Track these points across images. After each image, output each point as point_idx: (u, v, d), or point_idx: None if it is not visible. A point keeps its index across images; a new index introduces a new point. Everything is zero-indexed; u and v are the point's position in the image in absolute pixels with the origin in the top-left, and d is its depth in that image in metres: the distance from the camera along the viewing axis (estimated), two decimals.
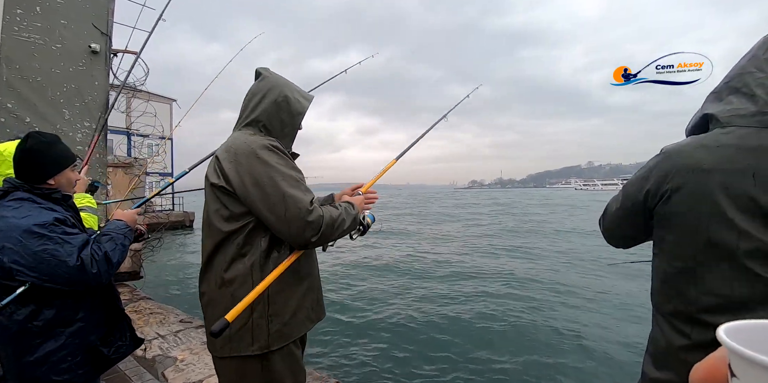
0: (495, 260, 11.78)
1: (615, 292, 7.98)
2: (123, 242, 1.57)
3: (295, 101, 1.45)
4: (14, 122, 4.68)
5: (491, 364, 4.78)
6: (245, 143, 1.28)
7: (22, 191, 1.47)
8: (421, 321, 6.29)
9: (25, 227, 1.36)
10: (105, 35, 5.55)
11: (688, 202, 1.03)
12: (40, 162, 1.51)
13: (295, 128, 1.48)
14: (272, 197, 1.19)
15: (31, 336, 1.45)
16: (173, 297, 7.77)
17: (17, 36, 4.80)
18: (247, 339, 1.21)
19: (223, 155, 1.29)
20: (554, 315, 6.61)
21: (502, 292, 7.96)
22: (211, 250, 1.28)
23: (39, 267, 1.36)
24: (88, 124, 5.22)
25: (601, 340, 5.46)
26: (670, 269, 1.10)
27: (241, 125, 1.42)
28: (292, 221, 1.18)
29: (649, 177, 1.13)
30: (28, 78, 4.82)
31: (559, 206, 44.75)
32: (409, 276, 9.61)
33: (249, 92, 1.46)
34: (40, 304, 1.45)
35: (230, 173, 1.24)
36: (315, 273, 1.46)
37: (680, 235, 1.07)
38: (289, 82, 1.49)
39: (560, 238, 17.12)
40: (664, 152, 1.12)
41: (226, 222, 1.26)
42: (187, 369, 2.93)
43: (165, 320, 3.96)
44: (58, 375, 1.50)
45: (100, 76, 5.39)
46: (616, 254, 10.37)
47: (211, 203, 1.31)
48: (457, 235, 18.44)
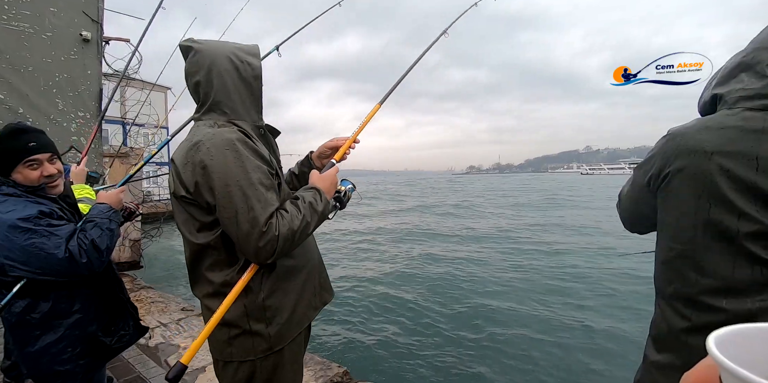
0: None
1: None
2: (109, 226, 1.54)
3: (244, 64, 1.25)
4: (7, 114, 4.62)
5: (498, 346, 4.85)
6: (200, 144, 1.11)
7: (7, 187, 1.45)
8: (431, 306, 6.33)
9: (9, 222, 1.35)
10: (96, 23, 5.45)
11: (689, 184, 1.03)
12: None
13: (258, 97, 1.29)
14: (226, 211, 1.06)
15: (30, 328, 1.47)
16: (174, 286, 7.83)
17: (6, 25, 4.70)
18: (248, 344, 1.16)
19: (179, 160, 1.14)
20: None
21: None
22: (190, 261, 1.21)
23: (30, 261, 1.36)
24: (82, 113, 5.17)
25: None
26: (670, 252, 1.11)
27: (200, 114, 1.24)
28: (243, 241, 1.06)
29: (653, 160, 1.12)
30: (19, 68, 4.75)
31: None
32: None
33: (187, 73, 1.24)
34: (35, 297, 1.46)
35: (186, 177, 1.11)
36: (313, 257, 1.37)
37: (680, 217, 1.07)
38: (224, 43, 1.27)
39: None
40: (669, 134, 1.11)
41: (199, 233, 1.15)
42: None
43: (166, 308, 3.99)
44: (60, 365, 1.52)
45: (93, 65, 5.32)
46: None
47: (177, 213, 1.19)
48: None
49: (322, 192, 1.23)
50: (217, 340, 1.19)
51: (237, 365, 1.18)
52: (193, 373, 2.73)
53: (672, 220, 1.10)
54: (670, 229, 1.12)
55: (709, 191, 0.99)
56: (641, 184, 1.18)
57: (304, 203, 1.16)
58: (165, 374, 2.66)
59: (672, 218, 1.10)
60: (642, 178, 1.17)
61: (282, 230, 1.06)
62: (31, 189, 1.48)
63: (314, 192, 1.22)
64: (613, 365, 4.46)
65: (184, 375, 1.05)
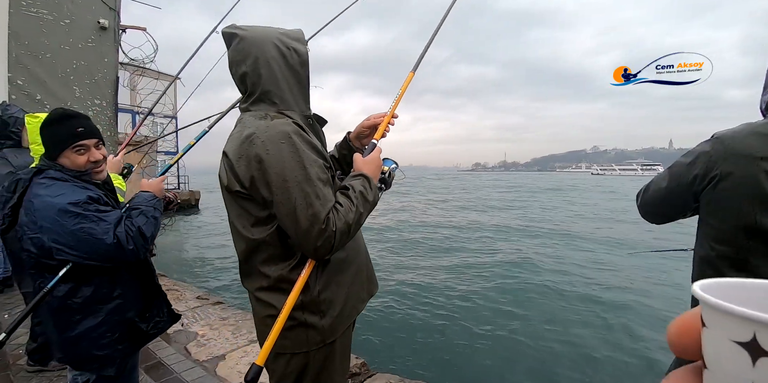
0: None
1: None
2: (153, 214, 1.56)
3: (291, 51, 1.20)
4: (25, 99, 4.65)
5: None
6: (254, 137, 1.08)
7: (54, 170, 1.47)
8: (451, 300, 6.33)
9: (60, 206, 1.36)
10: (113, 10, 5.44)
11: (737, 188, 1.04)
12: (43, 142, 1.50)
13: (305, 85, 1.25)
14: (284, 207, 1.04)
15: (71, 312, 1.49)
16: (187, 274, 7.90)
17: (25, 11, 4.71)
18: (302, 337, 1.15)
19: (233, 153, 1.11)
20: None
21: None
22: (244, 255, 1.18)
23: (78, 246, 1.38)
24: (99, 101, 5.19)
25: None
26: (712, 251, 1.13)
27: (248, 104, 1.21)
28: (302, 238, 1.04)
29: (698, 162, 1.13)
30: (38, 54, 4.76)
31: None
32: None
33: (232, 61, 1.20)
34: (78, 282, 1.47)
35: (241, 172, 1.08)
36: (362, 250, 1.35)
37: (725, 219, 1.08)
38: (268, 29, 1.22)
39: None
40: (715, 138, 1.12)
41: (253, 228, 1.12)
42: (209, 343, 3.01)
43: (182, 297, 4.03)
44: (99, 350, 1.54)
45: (110, 53, 5.31)
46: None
47: (230, 208, 1.17)
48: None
49: (370, 179, 1.21)
50: (268, 332, 1.15)
51: (289, 357, 1.17)
52: (213, 361, 2.76)
53: (716, 222, 1.12)
54: (712, 230, 1.13)
55: (755, 196, 1.01)
56: (681, 183, 1.19)
57: (354, 192, 1.14)
58: (186, 359, 2.70)
59: (716, 220, 1.12)
60: (684, 177, 1.18)
61: (339, 225, 1.05)
62: (77, 174, 1.50)
63: (362, 180, 1.19)
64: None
65: (258, 375, 1.04)
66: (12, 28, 4.60)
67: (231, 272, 8.03)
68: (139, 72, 6.02)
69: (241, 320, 3.46)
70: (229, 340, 3.07)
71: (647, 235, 12.84)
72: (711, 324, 0.23)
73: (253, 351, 2.91)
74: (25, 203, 1.43)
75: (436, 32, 1.64)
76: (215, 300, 3.98)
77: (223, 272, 8.35)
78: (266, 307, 1.16)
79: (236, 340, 3.08)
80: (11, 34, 4.60)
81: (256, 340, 3.08)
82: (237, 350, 2.92)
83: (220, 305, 3.87)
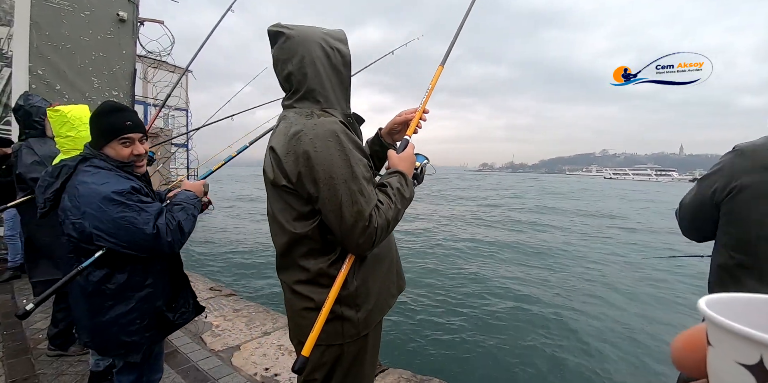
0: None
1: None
2: (193, 212, 1.62)
3: (334, 51, 1.23)
4: (45, 89, 4.71)
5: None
6: (302, 134, 1.10)
7: (98, 160, 1.52)
8: (468, 298, 6.32)
9: (104, 194, 1.40)
10: (132, 3, 5.48)
11: (756, 199, 1.07)
12: (91, 131, 1.55)
13: (347, 85, 1.28)
14: (330, 203, 1.07)
15: (104, 298, 1.53)
16: (198, 265, 7.96)
17: (46, 2, 4.76)
18: (338, 329, 1.18)
19: (280, 149, 1.12)
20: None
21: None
22: (284, 249, 1.20)
23: (118, 234, 1.42)
24: (116, 92, 5.24)
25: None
26: (731, 260, 1.15)
27: (293, 101, 1.22)
28: (346, 234, 1.08)
29: (719, 174, 1.17)
30: (58, 45, 4.81)
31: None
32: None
33: (277, 60, 1.22)
34: (113, 268, 1.51)
35: (288, 167, 1.10)
36: (393, 246, 1.37)
37: (744, 229, 1.12)
38: (313, 28, 1.24)
39: None
40: (736, 150, 1.15)
41: (296, 222, 1.15)
42: (224, 334, 3.06)
43: (194, 288, 4.04)
44: (128, 336, 1.58)
45: (128, 45, 5.37)
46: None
47: (274, 202, 1.20)
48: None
49: (406, 176, 1.24)
50: (306, 325, 1.18)
51: (324, 348, 1.19)
52: (228, 351, 2.81)
53: (735, 231, 1.15)
54: (732, 239, 1.16)
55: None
56: (704, 195, 1.22)
57: (392, 190, 1.18)
58: (201, 349, 2.75)
59: (735, 229, 1.15)
60: (706, 190, 1.21)
61: (380, 222, 1.09)
62: (121, 165, 1.54)
63: (399, 177, 1.22)
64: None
65: (305, 366, 1.07)
66: (34, 19, 4.66)
67: (238, 267, 8.10)
68: (155, 65, 6.08)
69: (254, 312, 3.51)
70: (243, 332, 3.12)
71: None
72: (717, 343, 0.22)
73: (267, 342, 2.96)
74: (68, 188, 1.47)
75: (462, 25, 1.65)
76: (228, 292, 4.03)
77: (231, 266, 8.40)
78: (303, 300, 1.18)
79: (250, 332, 3.13)
80: (33, 24, 4.66)
81: (269, 332, 3.13)
82: (251, 341, 2.97)
83: (233, 297, 3.92)
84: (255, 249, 9.98)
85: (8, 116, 4.50)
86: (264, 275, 7.48)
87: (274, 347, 2.89)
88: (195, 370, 2.53)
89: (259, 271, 7.78)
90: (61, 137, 2.05)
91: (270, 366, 2.64)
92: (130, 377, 1.73)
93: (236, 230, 13.64)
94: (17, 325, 3.01)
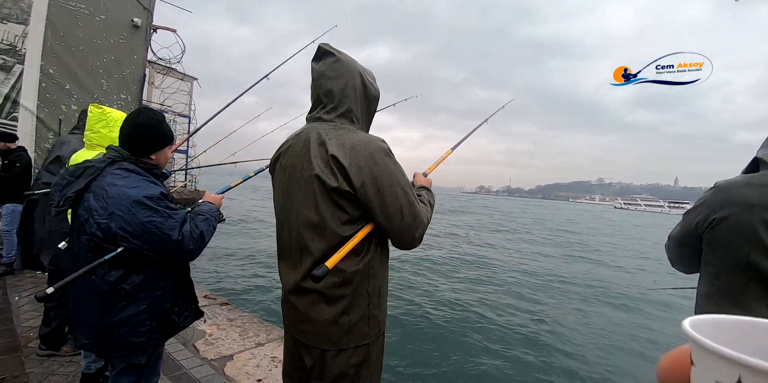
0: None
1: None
2: (214, 224, 1.69)
3: (371, 83, 1.39)
4: (54, 88, 4.75)
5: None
6: (360, 148, 1.21)
7: (128, 163, 1.55)
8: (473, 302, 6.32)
9: (135, 198, 1.45)
10: (147, 10, 5.59)
11: (732, 230, 1.18)
12: (148, 137, 1.60)
13: (371, 116, 1.44)
14: (392, 207, 1.21)
15: (118, 298, 1.54)
16: (193, 272, 7.80)
17: (64, 4, 4.84)
18: (365, 329, 1.26)
19: (344, 160, 1.20)
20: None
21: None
22: (325, 252, 1.22)
23: (143, 236, 1.45)
24: (125, 96, 5.29)
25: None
26: (712, 287, 1.27)
27: (333, 116, 1.31)
28: (405, 231, 1.24)
29: (701, 208, 1.30)
30: (71, 46, 4.88)
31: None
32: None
33: (322, 74, 1.33)
34: (129, 269, 1.53)
35: (354, 176, 1.19)
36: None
37: (723, 258, 1.23)
38: (356, 61, 1.38)
39: None
40: (716, 187, 1.28)
41: (345, 226, 1.23)
42: (217, 343, 3.03)
43: None
44: (136, 337, 1.59)
45: (139, 51, 5.45)
46: None
47: (324, 207, 1.23)
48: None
49: (431, 191, 1.53)
50: (333, 332, 1.23)
51: (352, 351, 1.25)
52: (221, 360, 2.78)
53: (715, 260, 1.26)
54: (713, 268, 1.27)
55: (749, 238, 1.14)
56: (689, 228, 1.35)
57: (425, 199, 1.43)
58: (194, 356, 2.72)
59: (715, 258, 1.26)
60: (690, 222, 1.34)
61: (425, 222, 1.30)
62: (150, 167, 1.60)
63: (427, 191, 1.50)
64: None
65: (326, 275, 1.12)
66: (50, 19, 4.73)
67: (233, 275, 7.96)
68: (164, 72, 6.15)
69: (248, 322, 3.48)
70: (237, 341, 3.10)
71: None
72: (699, 363, 0.23)
73: (261, 353, 2.94)
74: (95, 189, 1.50)
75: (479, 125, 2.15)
76: (222, 301, 4.00)
77: (227, 275, 8.26)
78: (337, 303, 1.23)
79: (243, 342, 3.10)
80: (48, 24, 4.73)
81: (262, 343, 3.11)
82: (244, 351, 2.94)
83: (227, 306, 3.89)
84: (251, 261, 9.84)
85: (15, 111, 4.51)
86: (261, 289, 7.36)
87: (268, 358, 2.87)
88: (188, 377, 2.50)
89: (253, 283, 7.67)
90: (92, 131, 2.19)
91: (263, 377, 2.62)
92: (130, 379, 1.72)
93: (224, 232, 13.50)
94: (8, 322, 2.96)
